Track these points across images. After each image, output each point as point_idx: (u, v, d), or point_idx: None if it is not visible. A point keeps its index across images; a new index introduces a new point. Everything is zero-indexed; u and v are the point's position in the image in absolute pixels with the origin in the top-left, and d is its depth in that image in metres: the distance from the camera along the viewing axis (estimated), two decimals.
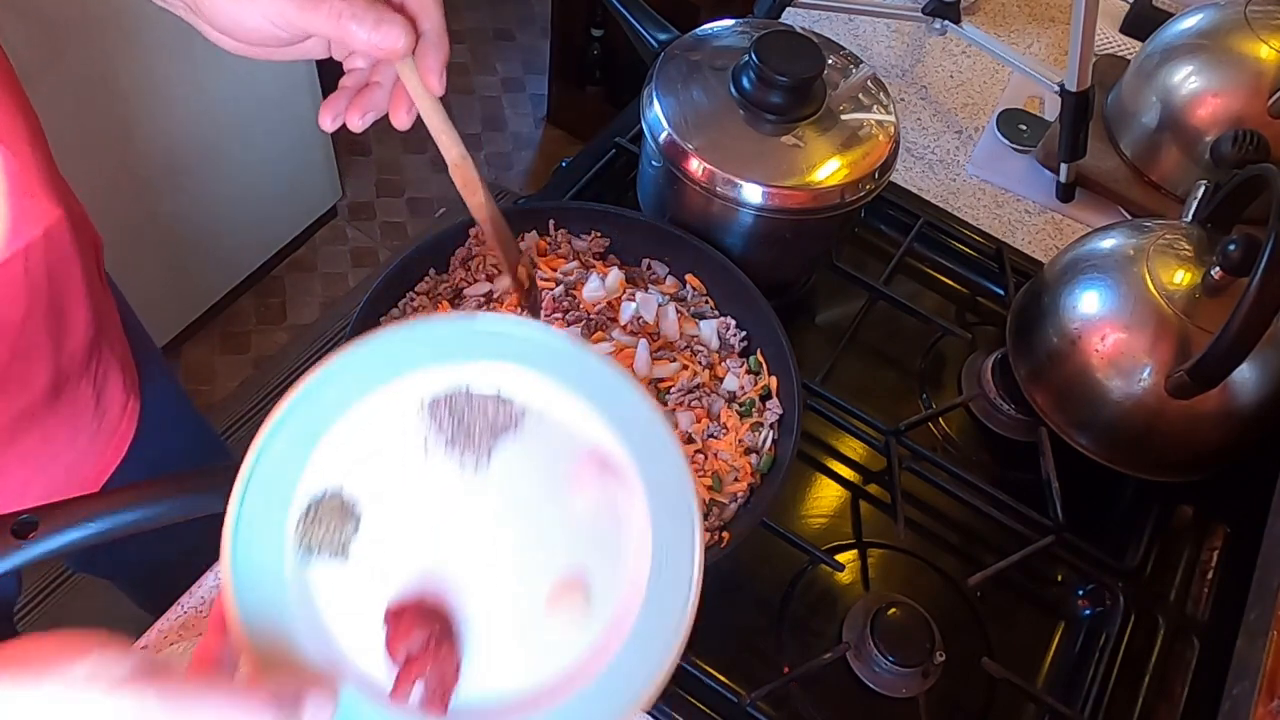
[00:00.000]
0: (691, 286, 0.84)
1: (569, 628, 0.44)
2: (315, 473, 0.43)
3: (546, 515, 0.45)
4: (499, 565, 0.44)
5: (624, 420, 0.46)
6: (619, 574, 0.45)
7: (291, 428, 0.43)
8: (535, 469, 0.46)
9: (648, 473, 0.46)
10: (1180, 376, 0.72)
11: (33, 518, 0.56)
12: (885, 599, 0.73)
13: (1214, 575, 0.82)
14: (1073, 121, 0.98)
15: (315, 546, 0.43)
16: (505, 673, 0.43)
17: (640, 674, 0.43)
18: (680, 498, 0.46)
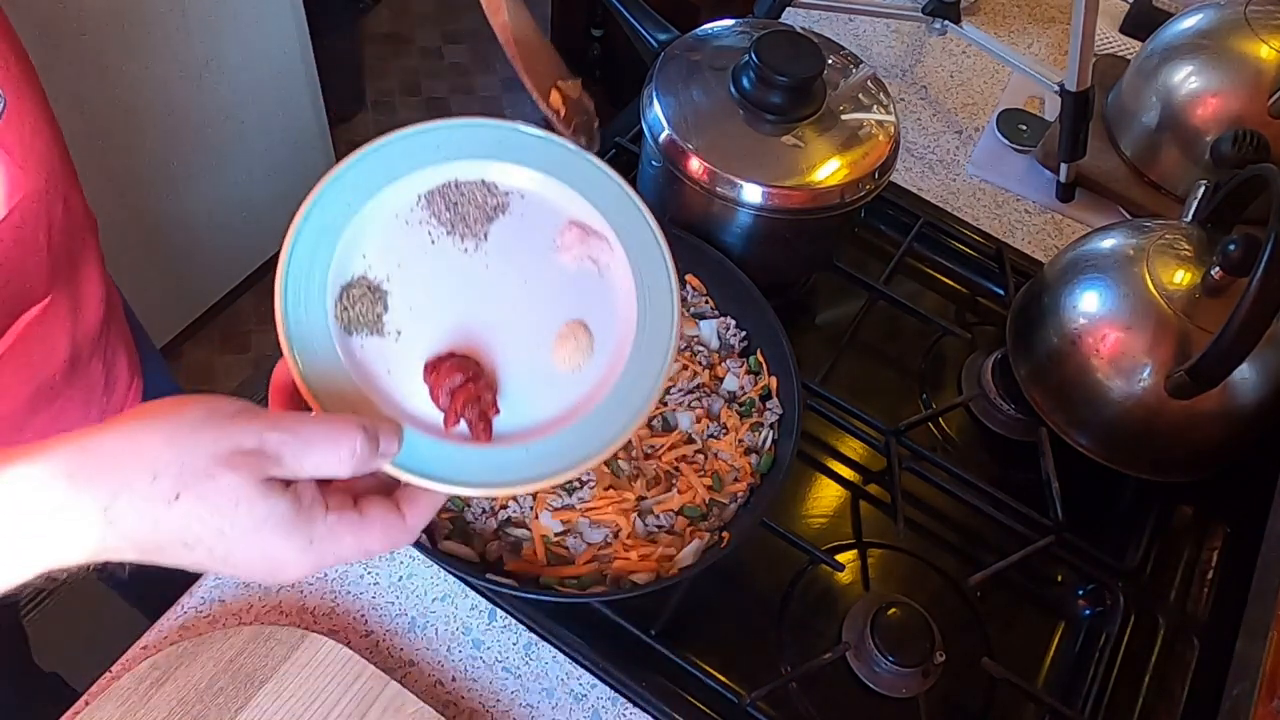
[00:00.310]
0: (691, 286, 0.84)
1: (578, 359, 0.54)
2: (340, 264, 0.52)
3: (543, 275, 0.55)
4: (512, 319, 0.53)
5: (595, 191, 0.56)
6: (612, 313, 0.55)
7: (311, 230, 0.51)
8: (527, 240, 0.55)
9: (622, 231, 0.56)
10: (1180, 376, 0.72)
11: None
12: (885, 599, 0.73)
13: (1214, 575, 0.82)
14: (1073, 121, 0.98)
15: (354, 325, 0.51)
16: (533, 403, 0.52)
17: (643, 385, 0.53)
18: (652, 246, 0.56)
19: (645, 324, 0.54)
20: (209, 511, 0.41)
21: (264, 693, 0.64)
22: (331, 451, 0.43)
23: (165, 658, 0.65)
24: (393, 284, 0.52)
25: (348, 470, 0.44)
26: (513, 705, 0.69)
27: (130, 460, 0.40)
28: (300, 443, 0.42)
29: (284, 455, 0.42)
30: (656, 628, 0.71)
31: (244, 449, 0.41)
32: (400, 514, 0.47)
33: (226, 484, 0.41)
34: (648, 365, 0.53)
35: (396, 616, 0.72)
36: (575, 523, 0.70)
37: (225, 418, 0.42)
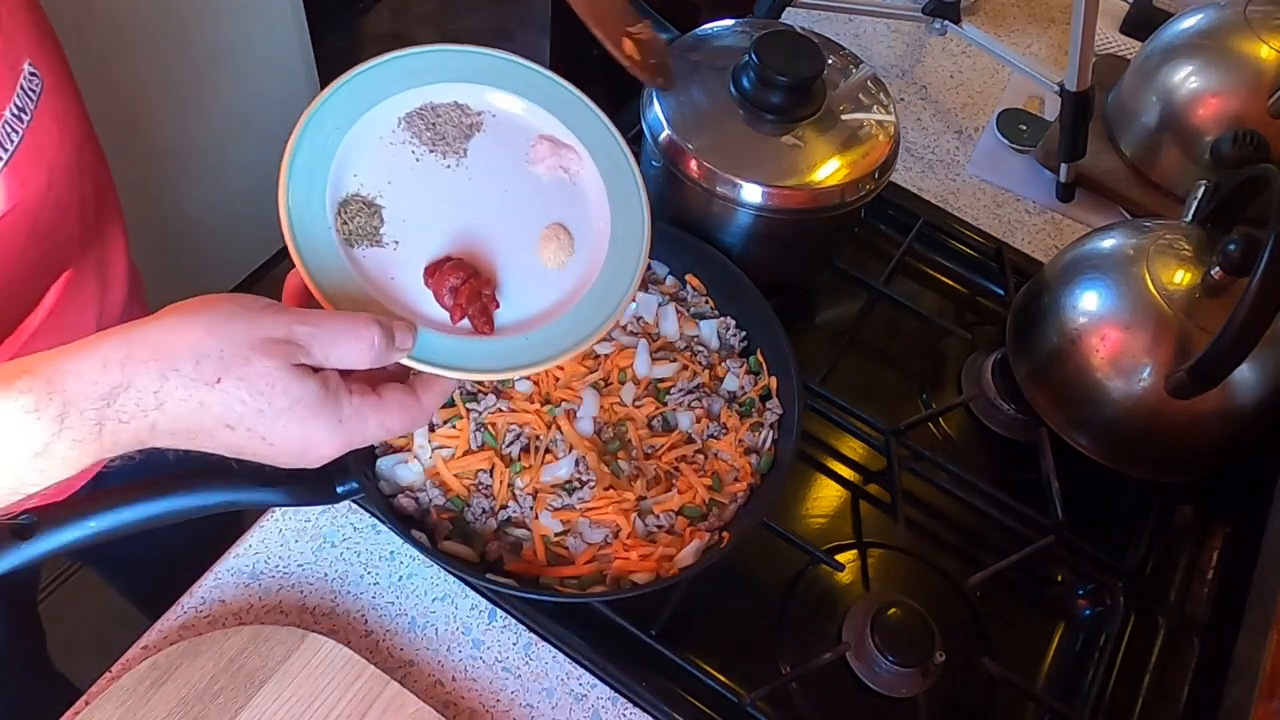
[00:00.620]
0: (691, 286, 0.84)
1: (562, 256, 0.60)
2: (335, 183, 0.56)
3: (521, 184, 0.61)
4: (498, 225, 0.59)
5: (560, 107, 0.63)
6: (587, 214, 0.61)
7: (305, 153, 0.56)
8: (503, 153, 0.61)
9: (588, 140, 0.62)
10: (1180, 376, 0.72)
11: (32, 518, 0.56)
12: (885, 599, 0.72)
13: (1214, 575, 0.82)
14: (1073, 121, 0.98)
15: (355, 238, 0.55)
16: (527, 298, 0.58)
17: (624, 275, 0.59)
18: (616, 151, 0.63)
19: (619, 220, 0.61)
20: (248, 392, 0.45)
21: (264, 693, 0.64)
22: (353, 343, 0.47)
23: (165, 658, 0.65)
24: (385, 199, 0.57)
25: (367, 361, 0.48)
26: (513, 705, 0.69)
27: (175, 347, 0.44)
28: (326, 334, 0.47)
29: (311, 345, 0.47)
30: (656, 628, 0.71)
31: (275, 337, 0.45)
32: (416, 396, 0.51)
33: (263, 368, 0.45)
34: (625, 257, 0.60)
35: (396, 616, 0.72)
36: (575, 523, 0.70)
37: (256, 310, 0.46)
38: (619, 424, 0.74)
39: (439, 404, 0.53)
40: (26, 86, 0.60)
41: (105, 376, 0.43)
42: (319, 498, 0.69)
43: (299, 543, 0.74)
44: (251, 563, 0.73)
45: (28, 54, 0.60)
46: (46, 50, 0.63)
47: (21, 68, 0.59)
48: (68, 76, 0.67)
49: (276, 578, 0.72)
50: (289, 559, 0.73)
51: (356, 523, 0.75)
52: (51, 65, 0.64)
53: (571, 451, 0.71)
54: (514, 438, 0.72)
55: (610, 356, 0.76)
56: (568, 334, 0.57)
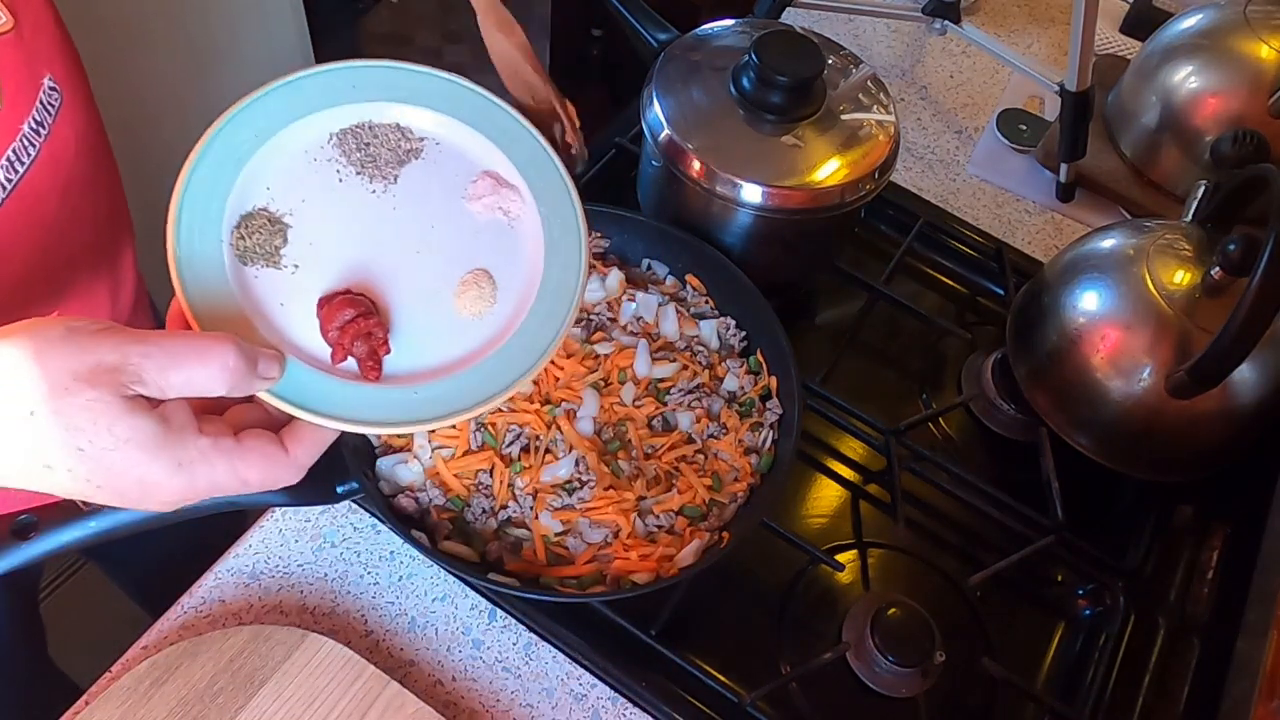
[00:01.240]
0: (691, 286, 0.84)
1: (479, 307, 0.53)
2: (242, 193, 0.51)
3: (451, 222, 0.55)
4: (415, 262, 0.53)
5: (511, 143, 0.56)
6: (518, 265, 0.55)
7: (215, 155, 0.50)
8: (438, 186, 0.55)
9: (535, 184, 0.56)
10: (1180, 376, 0.72)
11: (32, 518, 0.56)
12: (885, 599, 0.73)
13: (1214, 575, 0.82)
14: (1073, 121, 0.98)
15: (250, 256, 0.50)
16: (428, 347, 0.52)
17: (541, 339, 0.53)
18: (565, 202, 0.56)
19: (550, 276, 0.54)
20: (65, 429, 0.39)
21: (264, 693, 0.64)
22: (201, 367, 0.41)
23: (165, 658, 0.65)
24: (295, 218, 0.52)
25: (221, 387, 0.42)
26: (513, 705, 0.69)
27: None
28: (166, 356, 0.41)
29: (147, 369, 0.40)
30: (656, 628, 0.71)
31: (105, 364, 0.40)
32: (283, 447, 0.45)
33: (84, 400, 0.39)
34: (549, 317, 0.53)
35: (396, 616, 0.72)
36: (575, 523, 0.70)
37: (87, 334, 0.40)
38: (619, 424, 0.74)
39: (311, 458, 0.47)
40: (46, 100, 0.59)
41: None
42: (319, 498, 0.69)
43: (299, 543, 0.74)
44: (251, 563, 0.73)
45: (49, 68, 0.60)
46: (67, 64, 0.63)
47: (42, 81, 0.59)
48: (85, 90, 0.66)
49: (276, 578, 0.72)
50: (289, 559, 0.73)
51: (356, 523, 0.75)
52: (71, 79, 0.63)
53: (571, 451, 0.71)
54: (514, 438, 0.72)
55: (610, 356, 0.76)
56: (463, 393, 0.51)
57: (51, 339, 0.40)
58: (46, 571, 1.69)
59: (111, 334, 0.40)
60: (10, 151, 0.56)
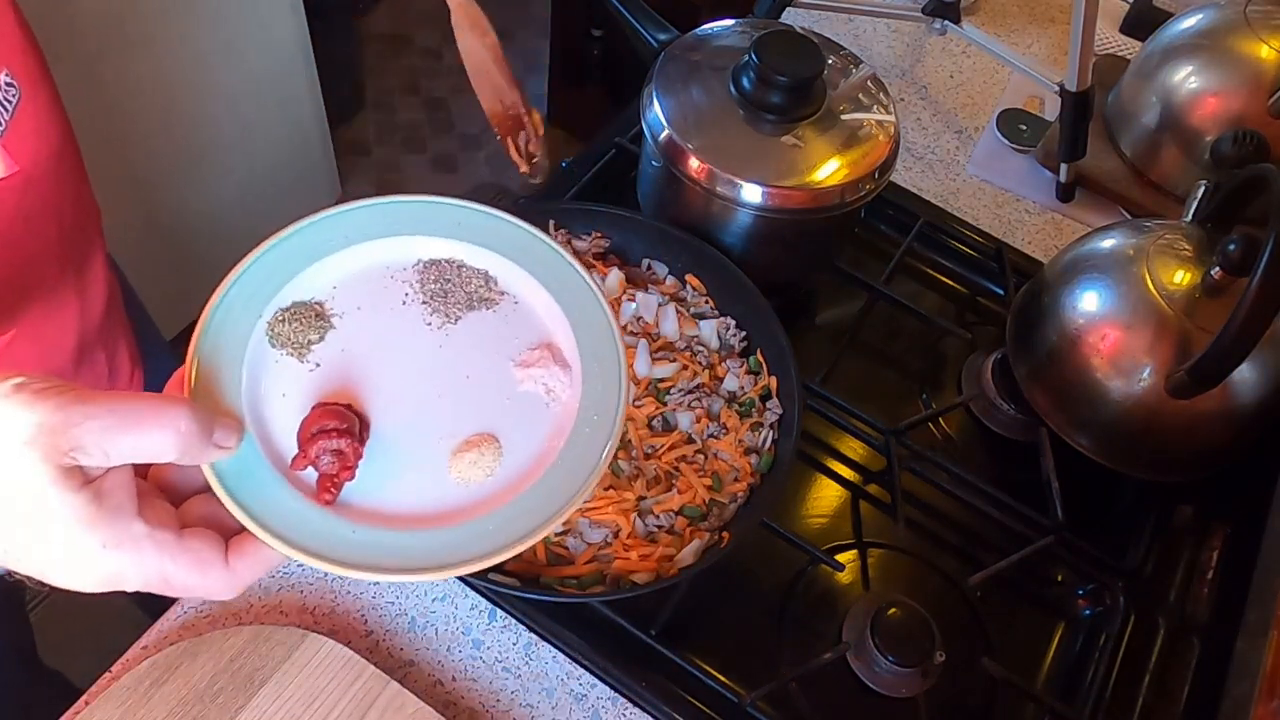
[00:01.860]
0: (691, 286, 0.84)
1: (471, 473, 0.49)
2: (306, 282, 0.51)
3: (490, 378, 0.52)
4: (431, 406, 0.50)
5: (587, 328, 0.53)
6: (534, 447, 0.51)
7: (303, 240, 0.51)
8: (494, 340, 0.53)
9: (589, 374, 0.52)
10: (1180, 376, 0.72)
11: None
12: (885, 599, 0.73)
13: (1214, 575, 0.82)
14: (1073, 121, 0.98)
15: (279, 340, 0.50)
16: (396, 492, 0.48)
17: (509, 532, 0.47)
18: (610, 406, 0.51)
19: (552, 478, 0.49)
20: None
21: (264, 693, 0.64)
22: (152, 431, 0.38)
23: (165, 658, 0.65)
24: (341, 322, 0.51)
25: (171, 453, 0.39)
26: (513, 705, 0.69)
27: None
28: (113, 418, 0.37)
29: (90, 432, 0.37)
30: (656, 628, 0.71)
31: (46, 426, 0.36)
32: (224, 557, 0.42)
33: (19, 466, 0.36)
34: (522, 519, 0.48)
35: (396, 616, 0.72)
36: (575, 523, 0.70)
37: (32, 390, 0.36)
38: None
39: (253, 576, 0.43)
40: (2, 97, 0.58)
41: None
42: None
43: None
44: None
45: (5, 64, 0.59)
46: (26, 59, 0.62)
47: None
48: (48, 86, 0.65)
49: (276, 578, 0.72)
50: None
51: None
52: (30, 74, 0.62)
53: None
54: None
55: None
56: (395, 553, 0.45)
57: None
58: None
59: (56, 393, 0.37)
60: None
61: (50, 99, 0.65)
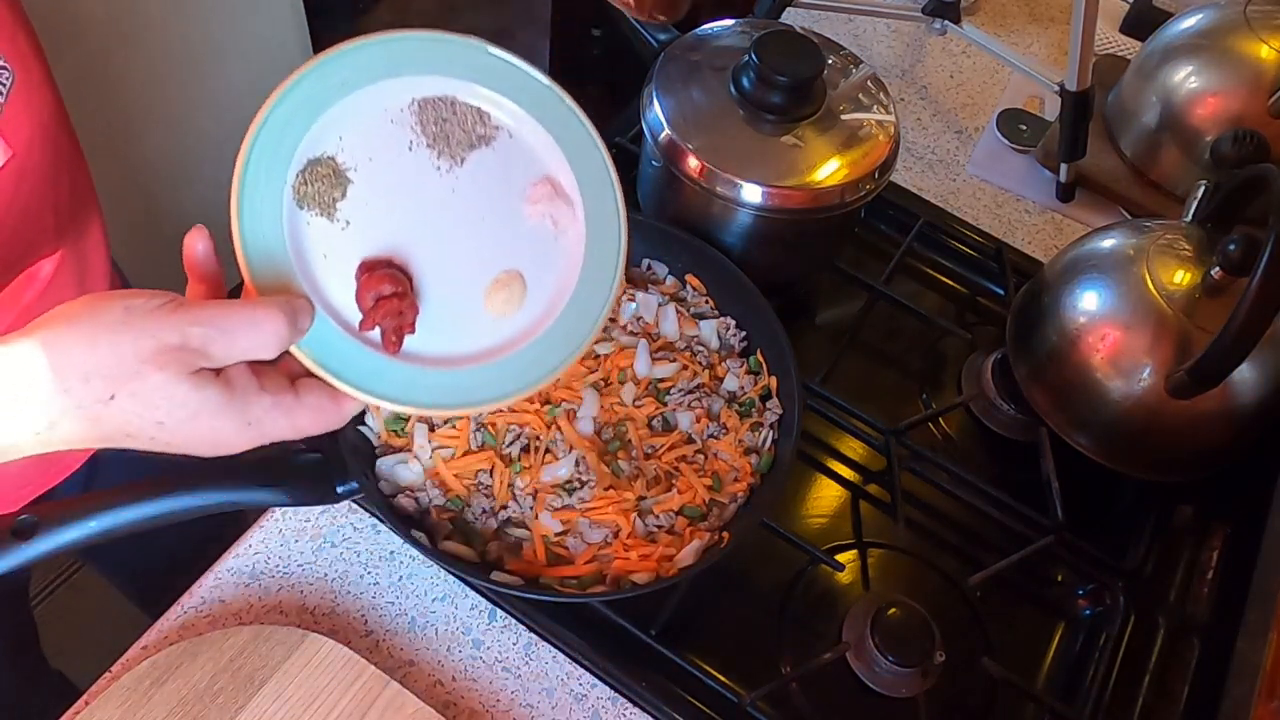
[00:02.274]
0: (691, 286, 0.84)
1: (506, 309, 0.55)
2: (315, 138, 0.51)
3: (502, 218, 0.55)
4: (457, 250, 0.54)
5: (581, 158, 0.56)
6: (553, 277, 0.56)
7: (299, 96, 0.51)
8: (500, 179, 0.55)
9: (590, 204, 0.56)
10: (1180, 376, 0.72)
11: (32, 518, 0.56)
12: (885, 599, 0.72)
13: (1214, 575, 0.82)
14: (1073, 121, 0.98)
15: (307, 201, 0.51)
16: (447, 335, 0.53)
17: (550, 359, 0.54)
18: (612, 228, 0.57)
19: (580, 295, 0.55)
20: (144, 407, 0.43)
21: (264, 693, 0.64)
22: (254, 337, 0.45)
23: (165, 658, 0.65)
24: (358, 175, 0.53)
25: (273, 351, 0.46)
26: (513, 705, 0.69)
27: (61, 366, 0.42)
28: (222, 334, 0.44)
29: (209, 348, 0.44)
30: (656, 628, 0.71)
31: (168, 345, 0.43)
32: (335, 400, 0.50)
33: (157, 382, 0.43)
34: (564, 341, 0.55)
35: (396, 616, 0.72)
36: (575, 523, 0.70)
37: (144, 315, 0.43)
38: (619, 424, 0.74)
39: (356, 408, 0.51)
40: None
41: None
42: (319, 498, 0.69)
43: (299, 543, 0.74)
44: (251, 563, 0.73)
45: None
46: (18, 43, 0.62)
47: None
48: (42, 71, 0.65)
49: (276, 578, 0.72)
50: (289, 559, 0.73)
51: (356, 523, 0.75)
52: (24, 58, 0.62)
53: (571, 451, 0.71)
54: (514, 438, 0.72)
55: (610, 356, 0.76)
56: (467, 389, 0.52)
57: (112, 324, 0.43)
58: (47, 572, 1.69)
59: (165, 313, 0.43)
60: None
61: (45, 84, 0.65)
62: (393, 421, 0.73)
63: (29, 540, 0.56)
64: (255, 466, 0.66)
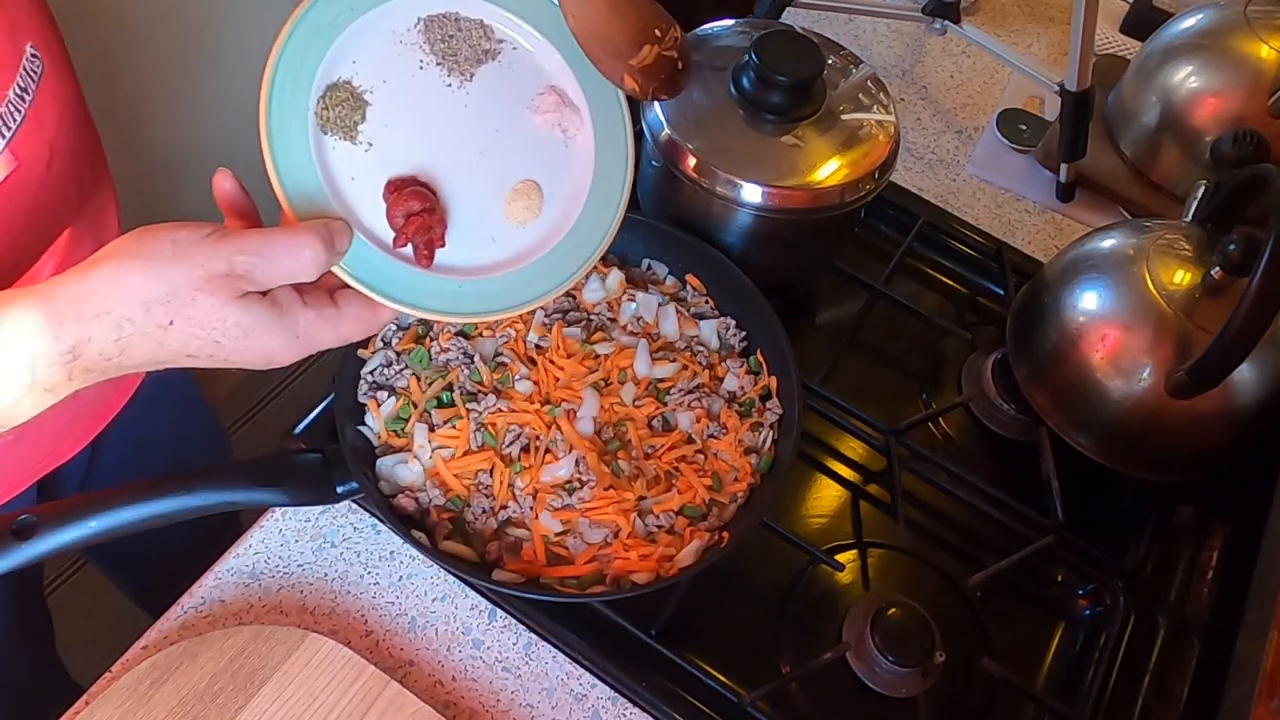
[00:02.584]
0: (691, 286, 0.84)
1: (525, 217, 0.59)
2: (330, 65, 0.54)
3: (514, 129, 0.59)
4: (475, 163, 0.57)
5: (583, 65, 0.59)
6: (566, 183, 0.60)
7: (310, 24, 0.53)
8: (508, 91, 0.58)
9: (596, 110, 0.60)
10: (1180, 376, 0.72)
11: (32, 518, 0.56)
12: (885, 599, 0.72)
13: (1214, 575, 0.82)
14: (1073, 121, 0.98)
15: (330, 126, 0.54)
16: (473, 246, 0.57)
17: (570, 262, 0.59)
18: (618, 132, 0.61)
19: (594, 200, 0.59)
20: (200, 329, 0.48)
21: (264, 693, 0.64)
22: (295, 262, 0.49)
23: (165, 658, 0.65)
24: (374, 97, 0.55)
25: (312, 274, 0.50)
26: (513, 705, 0.69)
27: (122, 297, 0.47)
28: (265, 260, 0.48)
29: (254, 274, 0.48)
30: (656, 628, 0.71)
31: (217, 273, 0.47)
32: (373, 309, 0.54)
33: (210, 306, 0.48)
34: (587, 236, 0.59)
35: (396, 616, 0.72)
36: (575, 523, 0.70)
37: (193, 246, 0.48)
38: (619, 424, 0.74)
39: (389, 316, 0.55)
40: (28, 68, 0.61)
41: (64, 332, 0.46)
42: (319, 498, 0.69)
43: (299, 543, 0.74)
44: (251, 563, 0.73)
45: (29, 36, 0.62)
46: (47, 33, 0.65)
47: (24, 49, 0.61)
48: (66, 59, 0.69)
49: (276, 578, 0.72)
50: (289, 559, 0.73)
51: (356, 523, 0.75)
52: (51, 48, 0.65)
53: (571, 451, 0.71)
54: (514, 438, 0.72)
55: (610, 356, 0.76)
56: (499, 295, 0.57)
57: (163, 257, 0.47)
58: (47, 571, 1.69)
59: (211, 242, 0.48)
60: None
61: (69, 72, 0.69)
62: (393, 421, 0.73)
63: (29, 540, 0.56)
64: (255, 467, 0.66)
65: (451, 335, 0.76)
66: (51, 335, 0.46)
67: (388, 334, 0.78)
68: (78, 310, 0.46)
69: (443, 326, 0.77)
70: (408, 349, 0.76)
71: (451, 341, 0.76)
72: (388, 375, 0.75)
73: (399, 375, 0.75)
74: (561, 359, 0.75)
